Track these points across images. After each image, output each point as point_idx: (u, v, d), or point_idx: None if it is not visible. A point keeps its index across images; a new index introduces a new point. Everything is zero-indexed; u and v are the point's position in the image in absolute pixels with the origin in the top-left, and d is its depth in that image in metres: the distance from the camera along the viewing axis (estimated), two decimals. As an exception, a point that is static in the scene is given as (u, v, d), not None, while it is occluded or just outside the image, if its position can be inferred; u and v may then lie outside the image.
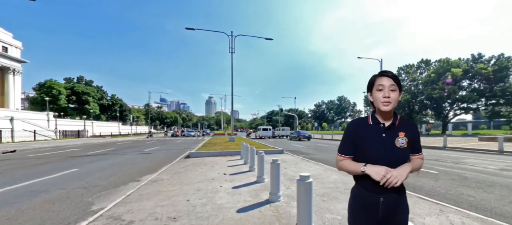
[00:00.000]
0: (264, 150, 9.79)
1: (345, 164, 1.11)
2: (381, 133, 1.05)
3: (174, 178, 5.19)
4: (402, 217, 1.06)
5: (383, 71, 1.08)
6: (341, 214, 2.96)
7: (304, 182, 2.35)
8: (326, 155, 9.94)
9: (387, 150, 1.02)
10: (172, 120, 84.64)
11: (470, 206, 3.34)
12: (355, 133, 1.10)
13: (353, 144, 1.10)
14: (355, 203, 1.10)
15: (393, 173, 0.95)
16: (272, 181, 3.54)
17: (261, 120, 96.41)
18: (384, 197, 1.02)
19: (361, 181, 1.07)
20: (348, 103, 72.12)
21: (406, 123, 1.09)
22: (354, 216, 1.11)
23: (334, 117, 74.38)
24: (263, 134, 28.78)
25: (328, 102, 76.70)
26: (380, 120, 1.08)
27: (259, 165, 4.79)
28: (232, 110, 19.02)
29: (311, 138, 24.45)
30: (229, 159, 8.26)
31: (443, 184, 4.67)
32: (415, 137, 1.08)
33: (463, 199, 3.68)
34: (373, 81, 1.09)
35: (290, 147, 14.22)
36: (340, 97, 73.87)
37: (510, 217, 2.94)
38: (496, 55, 30.60)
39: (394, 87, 1.02)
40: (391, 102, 1.01)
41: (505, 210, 3.18)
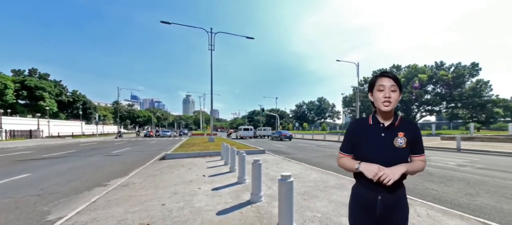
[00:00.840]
0: (245, 150, 9.80)
1: (343, 162, 1.17)
2: (380, 133, 1.09)
3: (147, 181, 4.89)
4: (400, 217, 1.08)
5: (384, 71, 1.12)
6: (321, 211, 3.11)
7: (286, 182, 2.42)
8: (306, 155, 10.34)
9: (385, 149, 1.06)
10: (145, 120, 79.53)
11: (434, 199, 3.79)
12: (355, 132, 1.15)
13: (352, 142, 1.15)
14: (354, 201, 1.15)
15: (386, 171, 0.98)
16: (254, 181, 3.56)
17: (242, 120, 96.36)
18: (382, 195, 1.05)
19: (360, 180, 1.11)
20: (328, 104, 76.06)
21: (406, 123, 1.11)
22: (353, 213, 1.15)
23: (314, 118, 77.77)
24: (244, 134, 28.78)
25: (309, 103, 79.92)
26: (380, 120, 1.11)
27: (240, 165, 4.78)
28: (211, 109, 18.64)
29: (293, 138, 25.19)
30: (208, 160, 8.08)
31: (411, 179, 5.20)
32: (415, 138, 1.09)
33: (428, 193, 4.16)
34: (374, 82, 1.11)
35: (272, 147, 14.46)
36: (320, 98, 77.50)
37: (466, 207, 3.41)
38: (455, 64, 35.26)
39: (394, 87, 1.05)
40: (392, 102, 1.04)
41: (462, 201, 3.68)
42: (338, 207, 3.27)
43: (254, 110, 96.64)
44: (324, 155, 10.24)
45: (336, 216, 2.95)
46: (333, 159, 8.69)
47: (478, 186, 4.57)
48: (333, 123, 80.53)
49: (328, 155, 10.02)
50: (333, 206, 3.31)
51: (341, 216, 2.94)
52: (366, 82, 45.79)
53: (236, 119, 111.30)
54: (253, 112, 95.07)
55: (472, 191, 4.24)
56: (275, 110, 59.35)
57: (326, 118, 77.61)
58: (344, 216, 2.94)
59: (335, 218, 2.87)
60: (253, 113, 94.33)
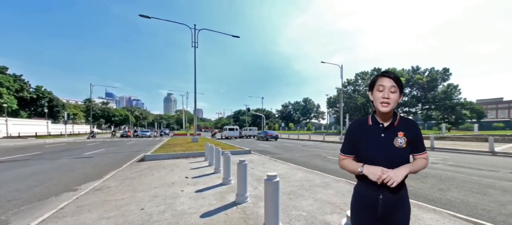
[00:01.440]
0: (231, 150, 9.73)
1: (345, 164, 1.19)
2: (380, 133, 1.10)
3: (124, 184, 4.62)
4: (401, 216, 1.10)
5: (385, 71, 1.12)
6: (306, 210, 3.19)
7: (272, 182, 2.45)
8: (292, 154, 10.56)
9: (385, 150, 1.07)
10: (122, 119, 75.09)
11: (411, 195, 4.00)
12: (355, 133, 1.16)
13: (353, 144, 1.17)
14: (356, 200, 1.18)
15: (389, 174, 1.00)
16: (239, 182, 3.55)
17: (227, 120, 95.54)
18: (383, 195, 1.07)
19: (362, 180, 1.13)
20: (313, 104, 78.42)
21: (406, 123, 1.12)
22: (355, 212, 1.18)
23: (300, 118, 79.69)
24: (230, 134, 28.57)
25: (295, 103, 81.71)
26: (379, 120, 1.12)
27: (225, 166, 4.73)
28: (195, 108, 18.18)
29: (278, 138, 25.55)
30: (191, 161, 7.88)
31: (389, 176, 5.57)
32: (415, 136, 1.10)
33: (404, 189, 4.48)
34: (374, 81, 1.12)
35: (258, 147, 14.53)
36: (305, 99, 79.59)
37: (438, 201, 3.74)
38: (429, 68, 38.48)
39: (394, 88, 1.06)
40: (390, 103, 1.05)
41: (435, 196, 4.03)
42: (322, 205, 3.38)
43: (239, 109, 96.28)
44: (309, 154, 10.54)
45: (321, 214, 3.05)
46: (318, 159, 8.98)
47: (449, 181, 5.04)
48: (318, 123, 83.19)
49: (314, 155, 10.33)
50: (318, 204, 3.42)
51: (326, 214, 3.05)
52: (350, 83, 48.05)
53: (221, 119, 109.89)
54: (239, 112, 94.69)
55: (444, 186, 4.66)
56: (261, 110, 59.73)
57: (312, 118, 79.95)
58: (329, 213, 3.05)
59: (320, 216, 2.96)
60: (239, 113, 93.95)
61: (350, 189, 4.22)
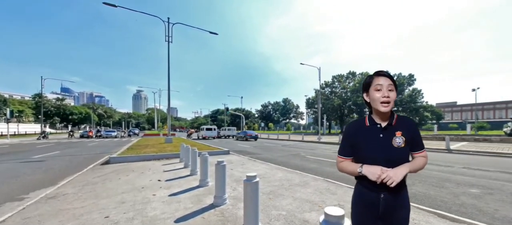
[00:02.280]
0: (208, 151, 9.52)
1: (344, 165, 1.20)
2: (378, 134, 1.12)
3: (84, 190, 4.19)
4: (402, 215, 1.13)
5: (379, 71, 1.13)
6: (286, 209, 3.29)
7: (251, 182, 2.46)
8: (272, 154, 10.76)
9: (384, 150, 1.09)
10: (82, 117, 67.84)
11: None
12: (353, 135, 1.18)
13: (351, 145, 1.18)
14: (357, 200, 1.20)
15: (389, 173, 1.02)
16: (217, 183, 3.50)
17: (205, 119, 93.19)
18: (384, 194, 1.10)
19: (362, 180, 1.15)
20: (292, 105, 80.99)
21: (403, 122, 1.14)
22: (356, 211, 1.19)
23: (279, 118, 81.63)
24: (207, 134, 27.93)
25: (274, 103, 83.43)
26: (377, 120, 1.14)
27: (202, 167, 4.62)
28: (168, 106, 17.33)
29: (258, 138, 25.81)
30: (165, 163, 7.50)
31: (362, 174, 6.04)
32: (413, 135, 1.12)
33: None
34: (369, 82, 1.13)
35: (237, 148, 14.48)
36: (285, 99, 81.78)
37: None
38: (397, 73, 42.75)
39: (391, 87, 1.08)
40: (390, 102, 1.07)
41: None
42: (302, 204, 3.52)
43: (218, 109, 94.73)
44: (289, 154, 10.85)
45: (300, 212, 3.17)
46: (297, 158, 9.31)
47: (413, 177, 5.66)
48: (297, 124, 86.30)
49: (293, 155, 10.67)
50: (297, 203, 3.55)
51: (305, 212, 3.19)
52: (327, 85, 50.80)
53: (197, 118, 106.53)
54: (217, 111, 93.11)
55: (409, 181, 5.22)
56: (240, 109, 59.57)
57: (291, 119, 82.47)
58: (307, 212, 3.19)
59: (299, 215, 3.08)
60: (217, 112, 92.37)
61: (327, 187, 4.47)
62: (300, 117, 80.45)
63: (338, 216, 1.00)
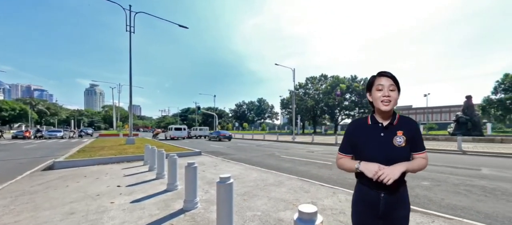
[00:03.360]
0: (177, 152, 9.06)
1: (343, 162, 1.25)
2: (380, 133, 1.16)
3: (19, 202, 3.56)
4: (402, 214, 1.16)
5: (382, 71, 1.17)
6: (261, 210, 3.32)
7: (225, 184, 2.42)
8: (247, 155, 10.79)
9: (384, 149, 1.13)
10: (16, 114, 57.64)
11: (350, 186, 4.88)
12: (354, 133, 1.22)
13: (351, 143, 1.23)
14: (357, 198, 1.24)
15: (385, 170, 1.06)
16: (187, 186, 3.35)
17: (173, 119, 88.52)
18: (384, 193, 1.13)
19: (362, 178, 1.19)
20: (267, 105, 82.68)
21: (405, 122, 1.18)
22: (357, 210, 1.23)
23: (254, 118, 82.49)
24: (176, 134, 26.64)
25: (249, 103, 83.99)
26: (378, 119, 1.19)
27: (170, 170, 4.36)
28: (130, 103, 15.93)
29: (232, 138, 25.64)
30: (126, 166, 6.87)
31: (335, 172, 6.49)
32: (414, 135, 1.16)
33: (347, 182, 5.31)
34: (372, 82, 1.18)
35: (209, 148, 14.13)
36: (259, 99, 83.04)
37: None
38: (364, 78, 47.24)
39: (393, 87, 1.12)
40: (391, 101, 1.11)
41: None
42: (276, 203, 3.60)
43: (188, 107, 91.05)
44: (264, 154, 11.02)
45: (275, 212, 3.24)
46: (272, 158, 9.51)
47: (376, 173, 6.31)
48: (272, 124, 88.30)
49: (268, 154, 10.87)
50: (272, 203, 3.62)
51: (280, 211, 3.27)
52: (301, 86, 53.24)
53: (165, 117, 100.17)
54: (187, 110, 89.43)
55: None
56: (213, 108, 58.26)
57: (266, 119, 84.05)
58: (282, 211, 3.28)
59: (274, 214, 3.14)
60: (187, 111, 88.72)
61: (301, 185, 4.67)
62: (275, 117, 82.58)
63: (311, 213, 1.05)
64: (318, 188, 4.46)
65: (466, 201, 3.86)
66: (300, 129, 51.67)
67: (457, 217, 3.00)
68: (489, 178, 5.59)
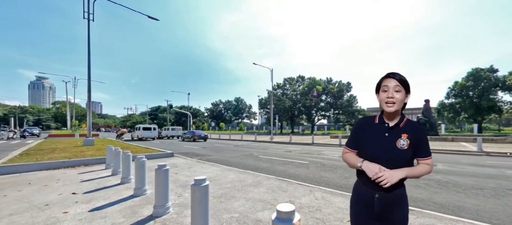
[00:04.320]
0: (146, 154, 8.55)
1: (347, 157, 1.32)
2: (384, 133, 1.21)
3: None
4: (398, 216, 1.21)
5: (390, 72, 1.21)
6: (238, 211, 3.29)
7: (200, 186, 2.36)
8: (224, 155, 10.65)
9: (386, 149, 1.18)
10: None
11: (326, 184, 5.16)
12: (361, 129, 1.28)
13: (357, 139, 1.29)
14: (354, 199, 1.30)
15: (385, 173, 1.11)
16: (158, 190, 3.17)
17: (141, 117, 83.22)
18: (379, 194, 1.19)
19: (360, 177, 1.25)
20: (245, 104, 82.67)
21: (411, 126, 1.22)
22: (354, 210, 1.30)
23: (231, 117, 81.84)
24: (145, 134, 25.11)
25: (226, 102, 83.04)
26: (385, 120, 1.23)
27: (137, 173, 4.08)
28: (89, 99, 14.44)
29: (208, 138, 25.09)
30: (83, 171, 6.24)
31: (312, 171, 6.79)
32: (419, 140, 1.19)
33: (322, 180, 5.59)
34: (380, 83, 1.23)
35: (183, 149, 13.61)
36: (237, 98, 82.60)
37: (344, 187, 4.93)
38: (338, 81, 50.30)
39: (398, 88, 1.15)
40: (395, 102, 1.15)
41: (342, 183, 5.29)
42: (254, 204, 3.61)
43: (159, 106, 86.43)
44: (241, 154, 11.00)
45: (253, 212, 3.25)
46: (250, 158, 9.53)
47: (351, 171, 6.74)
48: (250, 123, 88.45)
49: (246, 155, 10.88)
50: (250, 203, 3.62)
51: (258, 211, 3.28)
52: (279, 87, 54.47)
53: (132, 116, 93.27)
54: (158, 108, 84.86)
55: (348, 175, 6.20)
56: (187, 107, 56.05)
57: (244, 118, 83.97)
58: (260, 211, 3.30)
59: (252, 215, 3.15)
60: (158, 109, 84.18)
61: (279, 185, 4.76)
62: (253, 117, 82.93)
63: (288, 211, 1.10)
64: (295, 187, 4.60)
65: (425, 194, 4.41)
66: (278, 129, 52.78)
67: (417, 208, 3.40)
68: (443, 172, 6.45)
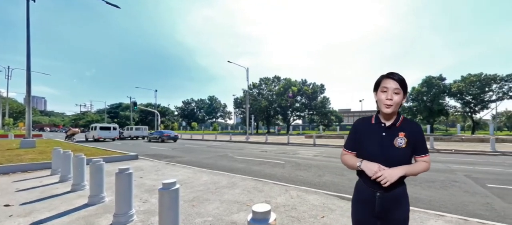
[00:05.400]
0: (105, 157, 7.83)
1: (346, 158, 1.36)
2: (382, 132, 1.25)
3: None
4: (399, 214, 1.25)
5: (390, 72, 1.24)
6: (212, 214, 3.19)
7: (169, 190, 2.26)
8: (196, 157, 10.29)
9: (384, 149, 1.22)
10: None
11: (301, 183, 5.33)
12: (358, 130, 1.32)
13: (355, 140, 1.33)
14: (355, 198, 1.35)
15: (384, 172, 1.15)
16: (119, 197, 2.91)
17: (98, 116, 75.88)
18: (380, 192, 1.23)
19: (361, 177, 1.29)
20: (219, 103, 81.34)
21: (408, 124, 1.26)
22: (355, 209, 1.34)
23: (205, 117, 79.81)
24: (103, 135, 23.01)
25: (199, 100, 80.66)
26: (382, 120, 1.28)
27: (93, 179, 3.68)
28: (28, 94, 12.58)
29: (178, 138, 24.06)
30: (19, 178, 5.42)
31: (287, 170, 6.96)
32: (416, 138, 1.24)
33: (297, 179, 5.76)
34: (379, 82, 1.25)
35: (149, 151, 12.80)
36: (211, 97, 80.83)
37: (317, 185, 5.15)
38: (313, 82, 52.86)
39: (398, 90, 1.19)
40: (393, 105, 1.19)
41: (315, 181, 5.52)
42: (229, 206, 3.55)
43: (120, 103, 79.92)
44: (216, 155, 10.76)
45: (227, 215, 3.18)
46: (225, 159, 9.38)
47: (324, 169, 7.11)
48: (225, 123, 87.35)
49: (220, 155, 10.68)
50: (225, 206, 3.54)
51: (233, 213, 3.23)
52: (255, 86, 54.91)
53: (86, 113, 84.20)
54: (119, 106, 78.41)
55: (321, 173, 6.51)
56: (154, 105, 52.88)
57: (218, 118, 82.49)
58: (235, 213, 3.25)
59: (226, 217, 3.08)
60: (119, 106, 77.81)
61: (255, 185, 4.77)
62: (228, 117, 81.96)
63: (264, 212, 1.11)
64: (271, 187, 4.66)
65: None
66: (254, 129, 53.18)
67: None
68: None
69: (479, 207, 3.74)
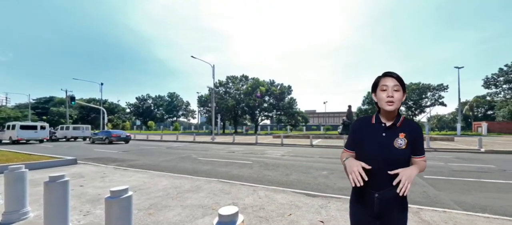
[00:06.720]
0: (28, 163, 6.71)
1: (342, 157, 1.40)
2: (382, 133, 1.27)
3: None
4: (397, 215, 1.27)
5: (387, 71, 1.27)
6: (172, 222, 2.93)
7: (119, 199, 1.97)
8: (153, 159, 9.53)
9: (384, 149, 1.23)
10: None
11: (269, 182, 5.37)
12: (358, 130, 1.35)
13: (354, 140, 1.36)
14: (353, 198, 1.37)
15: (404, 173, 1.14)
16: (49, 211, 2.48)
17: (19, 112, 64.03)
18: (379, 193, 1.25)
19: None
20: (181, 101, 77.77)
21: (409, 125, 1.29)
22: (354, 210, 1.37)
23: (164, 115, 75.32)
24: (25, 135, 19.72)
25: (157, 97, 75.72)
26: (382, 119, 1.29)
27: (10, 191, 3.03)
28: None
29: (131, 139, 22.06)
30: None
31: (255, 170, 6.94)
32: (416, 139, 1.27)
33: (265, 179, 5.78)
34: (377, 82, 1.28)
35: (93, 154, 11.39)
36: (171, 94, 76.66)
37: (284, 183, 5.28)
38: (280, 83, 54.81)
39: (397, 87, 1.22)
40: (395, 102, 1.21)
41: (283, 180, 5.65)
42: (193, 211, 3.31)
43: (52, 97, 68.63)
44: (177, 157, 10.14)
45: (190, 221, 2.96)
46: (188, 161, 8.90)
47: (291, 168, 7.33)
48: (187, 123, 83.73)
49: (182, 157, 10.10)
50: (188, 211, 3.30)
51: (197, 219, 3.02)
52: (221, 84, 54.11)
53: (1, 108, 70.36)
54: (49, 100, 67.31)
55: (288, 172, 6.69)
56: (100, 100, 47.32)
57: (180, 117, 78.69)
58: (200, 218, 3.05)
59: (190, 224, 2.87)
60: (49, 101, 66.91)
61: (222, 187, 4.60)
62: (191, 116, 78.80)
63: (231, 214, 1.08)
64: (239, 188, 4.57)
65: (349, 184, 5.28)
66: (221, 129, 52.24)
67: (344, 196, 4.07)
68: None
69: (418, 195, 4.41)
